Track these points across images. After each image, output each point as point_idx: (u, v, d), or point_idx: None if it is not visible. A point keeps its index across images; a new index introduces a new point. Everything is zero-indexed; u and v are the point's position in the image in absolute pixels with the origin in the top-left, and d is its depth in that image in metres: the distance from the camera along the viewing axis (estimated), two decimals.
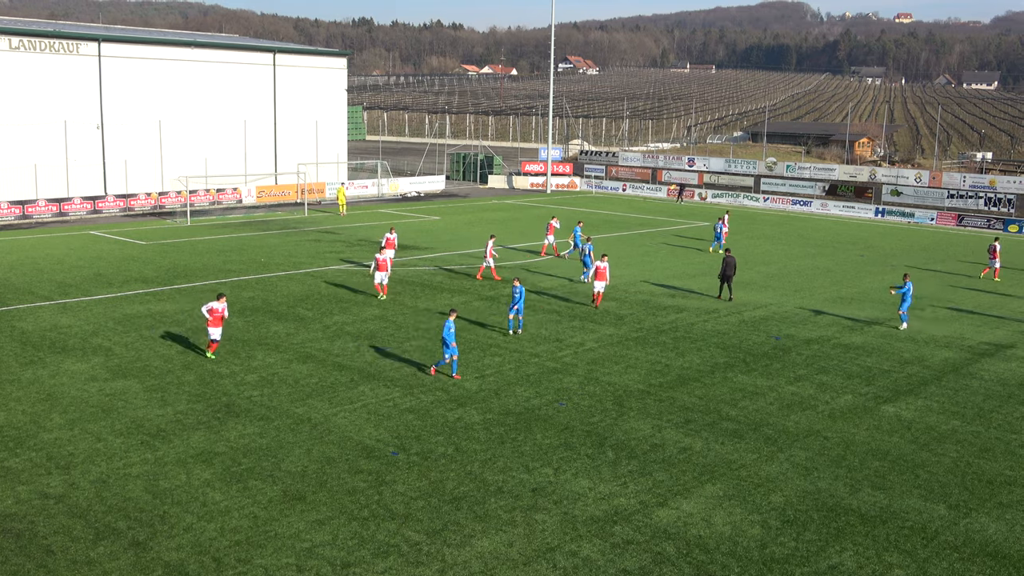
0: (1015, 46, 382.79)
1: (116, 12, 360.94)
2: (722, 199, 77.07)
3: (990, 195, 67.72)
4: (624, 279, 40.62)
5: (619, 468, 19.67)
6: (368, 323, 31.57)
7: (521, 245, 50.03)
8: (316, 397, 23.74)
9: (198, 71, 65.69)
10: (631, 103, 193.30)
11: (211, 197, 64.18)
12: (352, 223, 57.65)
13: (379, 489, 18.29)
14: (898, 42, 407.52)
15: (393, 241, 39.98)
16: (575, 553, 16.01)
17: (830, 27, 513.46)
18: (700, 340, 30.48)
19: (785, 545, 16.50)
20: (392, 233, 40.29)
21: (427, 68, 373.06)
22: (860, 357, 29.02)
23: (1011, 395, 25.57)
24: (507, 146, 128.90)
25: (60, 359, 26.57)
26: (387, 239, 39.89)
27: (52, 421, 21.56)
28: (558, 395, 24.45)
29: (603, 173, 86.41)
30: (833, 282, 41.78)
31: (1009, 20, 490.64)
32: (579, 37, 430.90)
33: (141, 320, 31.32)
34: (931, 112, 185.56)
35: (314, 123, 72.68)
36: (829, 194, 74.27)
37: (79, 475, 18.60)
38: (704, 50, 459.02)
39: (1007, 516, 17.93)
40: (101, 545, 15.83)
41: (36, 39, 58.02)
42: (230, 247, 47.15)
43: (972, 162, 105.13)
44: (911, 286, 32.64)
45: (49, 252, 44.49)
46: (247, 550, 15.77)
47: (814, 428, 22.47)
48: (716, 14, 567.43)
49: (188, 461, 19.42)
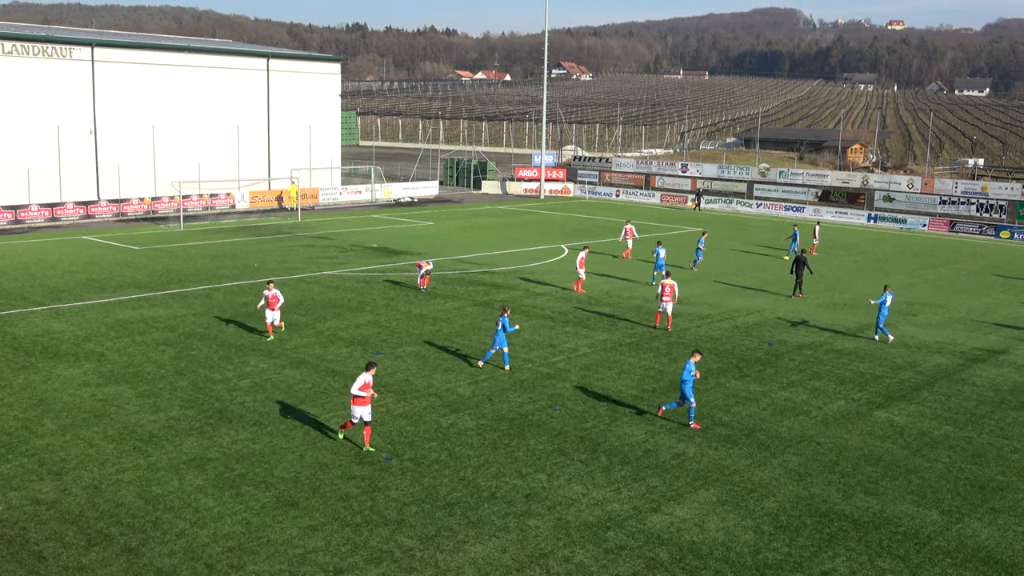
0: (1006, 53, 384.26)
1: (109, 17, 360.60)
2: (715, 205, 77.24)
3: (982, 201, 67.96)
4: (617, 285, 40.67)
5: (612, 474, 19.67)
6: (361, 328, 31.54)
7: (515, 250, 50.04)
8: (309, 403, 23.70)
9: (191, 76, 65.65)
10: (624, 109, 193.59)
11: (204, 202, 64.10)
12: (346, 228, 57.61)
13: (372, 495, 18.27)
14: (890, 49, 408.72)
15: (274, 300, 29.57)
16: (568, 559, 16.00)
17: (822, 34, 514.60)
18: (693, 346, 30.48)
19: (778, 551, 16.51)
20: (271, 290, 29.61)
21: (421, 73, 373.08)
22: (853, 363, 29.08)
23: (1003, 400, 25.64)
24: (501, 152, 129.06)
25: (52, 364, 26.49)
26: (268, 297, 29.60)
27: (44, 427, 21.49)
28: (551, 401, 24.44)
29: (597, 179, 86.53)
30: (826, 288, 41.86)
31: (1000, 27, 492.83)
32: (573, 43, 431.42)
33: (134, 325, 31.25)
34: (923, 118, 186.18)
35: (308, 128, 72.64)
36: (822, 200, 74.47)
37: (71, 481, 18.54)
38: (697, 56, 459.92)
39: (999, 521, 17.98)
40: (93, 551, 15.77)
41: (29, 44, 57.93)
42: (223, 252, 47.09)
43: (964, 168, 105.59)
44: (889, 297, 31.83)
45: (41, 257, 44.38)
46: (240, 556, 15.73)
47: (807, 434, 22.51)
48: (709, 20, 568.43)
49: (181, 467, 19.37)
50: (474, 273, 42.58)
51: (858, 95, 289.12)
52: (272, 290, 29.51)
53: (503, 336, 26.60)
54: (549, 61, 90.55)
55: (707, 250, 47.38)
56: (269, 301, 29.51)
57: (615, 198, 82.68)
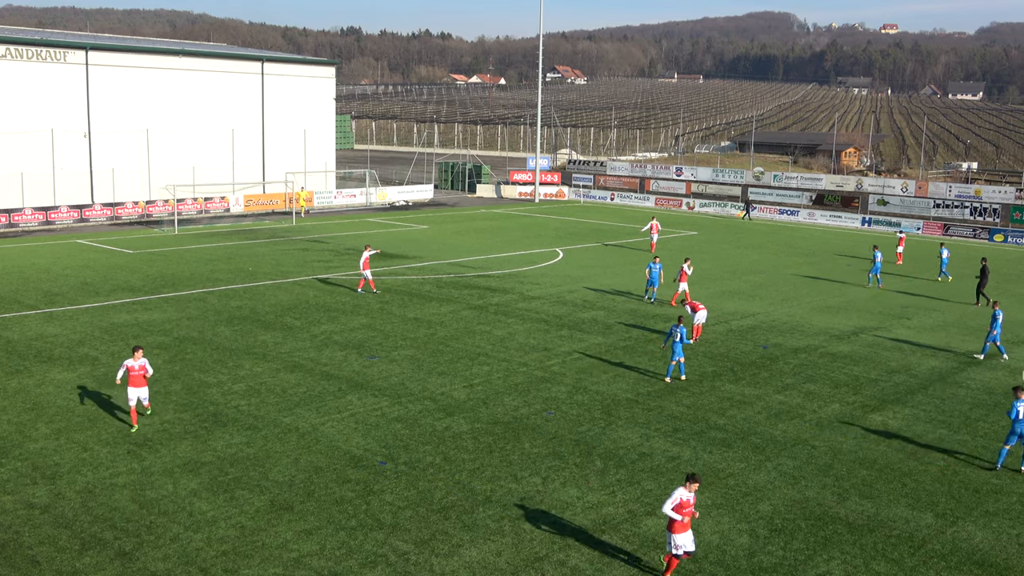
0: (1000, 57, 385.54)
1: (104, 21, 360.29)
2: (709, 208, 77.35)
3: (976, 205, 68.12)
4: (612, 288, 40.69)
5: (607, 477, 19.67)
6: (356, 332, 31.51)
7: (510, 254, 50.05)
8: (304, 406, 23.67)
9: (186, 80, 65.59)
10: (619, 113, 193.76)
11: (199, 206, 64.01)
12: (340, 232, 57.57)
13: (367, 499, 18.24)
14: (884, 53, 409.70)
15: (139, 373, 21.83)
16: (563, 562, 15.99)
17: (816, 37, 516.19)
18: (688, 350, 30.51)
19: (773, 554, 16.52)
20: (137, 359, 21.82)
21: (415, 77, 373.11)
22: (847, 366, 29.12)
23: (997, 404, 25.68)
24: (495, 155, 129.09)
25: (46, 368, 26.43)
26: (130, 368, 21.81)
27: (38, 431, 21.44)
28: (546, 404, 24.44)
29: (591, 182, 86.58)
30: (820, 291, 41.92)
31: (994, 31, 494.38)
32: (567, 47, 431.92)
33: (128, 329, 31.19)
34: (917, 122, 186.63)
35: (302, 132, 72.60)
36: (816, 204, 74.57)
37: (65, 485, 18.49)
38: (692, 60, 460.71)
39: (993, 524, 18.01)
40: (87, 555, 15.73)
41: (23, 47, 57.82)
42: (217, 256, 47.02)
43: (958, 172, 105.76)
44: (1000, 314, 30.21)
45: (35, 261, 44.28)
46: (234, 560, 15.69)
47: (802, 437, 22.53)
48: (703, 24, 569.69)
49: (175, 471, 19.33)
50: (469, 276, 42.57)
51: (852, 99, 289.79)
52: (139, 358, 21.77)
53: (680, 347, 26.51)
54: (544, 65, 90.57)
55: (706, 251, 47.41)
56: (131, 377, 21.68)
57: (610, 201, 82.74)
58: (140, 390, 21.90)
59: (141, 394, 21.94)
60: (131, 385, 21.82)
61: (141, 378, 21.87)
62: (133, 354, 22.00)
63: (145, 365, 21.96)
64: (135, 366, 21.77)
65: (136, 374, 21.79)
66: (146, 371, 21.99)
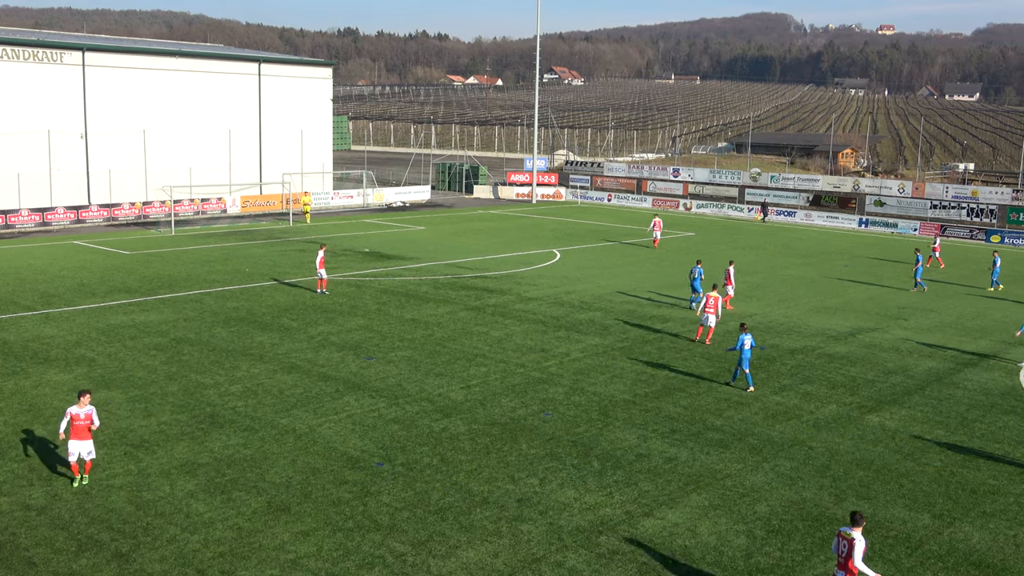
0: (996, 58, 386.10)
1: (101, 21, 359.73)
2: (706, 209, 77.41)
3: (972, 206, 68.20)
4: (609, 289, 40.70)
5: (605, 478, 19.67)
6: (353, 333, 31.49)
7: (507, 255, 50.04)
8: (301, 408, 23.65)
9: (183, 80, 65.54)
10: (616, 114, 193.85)
11: (195, 207, 63.97)
12: (337, 233, 57.54)
13: (364, 500, 18.23)
14: (881, 54, 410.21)
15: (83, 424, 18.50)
16: (561, 564, 15.98)
17: (813, 39, 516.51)
18: (686, 350, 30.54)
19: (770, 555, 16.52)
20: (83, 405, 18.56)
21: (412, 78, 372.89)
22: (844, 367, 29.14)
23: (994, 404, 25.71)
24: (493, 156, 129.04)
25: (43, 369, 26.39)
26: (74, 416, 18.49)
27: (34, 432, 21.40)
28: (544, 405, 24.43)
29: (588, 183, 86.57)
30: (817, 292, 41.95)
31: (990, 32, 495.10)
32: (564, 48, 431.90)
33: (124, 330, 31.15)
34: (914, 123, 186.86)
35: (299, 133, 72.57)
36: (813, 204, 74.63)
37: (61, 486, 18.45)
38: (688, 61, 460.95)
39: (991, 525, 18.02)
40: (84, 557, 15.70)
41: (20, 48, 57.75)
42: (214, 257, 46.98)
43: (955, 173, 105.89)
44: None
45: (32, 262, 44.22)
46: (231, 562, 15.67)
47: (799, 438, 22.54)
48: (700, 25, 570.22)
49: (172, 472, 19.30)
50: (466, 277, 42.57)
51: (849, 100, 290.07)
52: (85, 404, 18.56)
53: (748, 355, 26.15)
54: (541, 66, 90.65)
55: (704, 252, 47.35)
56: (74, 427, 18.39)
57: (607, 202, 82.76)
58: (83, 444, 18.22)
59: (83, 449, 18.25)
60: (73, 437, 18.16)
61: (85, 429, 18.25)
62: (79, 399, 18.50)
63: (92, 414, 18.43)
64: (80, 414, 18.28)
65: (80, 424, 18.23)
66: (92, 422, 18.41)
